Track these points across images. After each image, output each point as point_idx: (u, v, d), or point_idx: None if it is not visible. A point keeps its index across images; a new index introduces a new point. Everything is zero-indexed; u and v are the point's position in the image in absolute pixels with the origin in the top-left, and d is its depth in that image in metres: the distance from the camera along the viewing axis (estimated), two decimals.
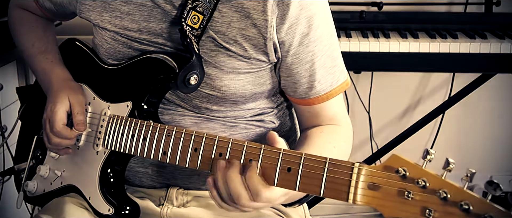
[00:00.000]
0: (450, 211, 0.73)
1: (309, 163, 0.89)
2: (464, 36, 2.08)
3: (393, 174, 0.78)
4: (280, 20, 1.11)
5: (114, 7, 1.21)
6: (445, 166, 0.76)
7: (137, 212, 1.19)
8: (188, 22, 1.13)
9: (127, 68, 1.22)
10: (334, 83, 1.19)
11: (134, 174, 1.28)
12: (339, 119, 1.23)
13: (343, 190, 0.83)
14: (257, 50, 1.14)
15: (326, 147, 1.15)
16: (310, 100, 1.20)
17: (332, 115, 1.22)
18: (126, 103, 1.18)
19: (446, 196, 0.74)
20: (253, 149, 0.95)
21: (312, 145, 1.15)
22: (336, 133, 1.21)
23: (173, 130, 1.06)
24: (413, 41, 2.01)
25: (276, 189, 0.95)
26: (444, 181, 0.75)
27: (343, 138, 1.21)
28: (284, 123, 1.31)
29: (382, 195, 0.79)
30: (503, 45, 1.98)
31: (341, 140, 1.20)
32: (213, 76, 1.16)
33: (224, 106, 1.20)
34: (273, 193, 0.95)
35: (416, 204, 0.76)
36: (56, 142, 1.23)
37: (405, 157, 0.79)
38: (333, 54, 1.18)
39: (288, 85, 1.20)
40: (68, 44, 1.41)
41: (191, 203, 1.26)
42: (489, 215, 0.71)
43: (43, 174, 1.31)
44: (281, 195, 0.98)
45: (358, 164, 0.83)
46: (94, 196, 1.19)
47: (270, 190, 0.95)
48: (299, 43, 1.13)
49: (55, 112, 1.22)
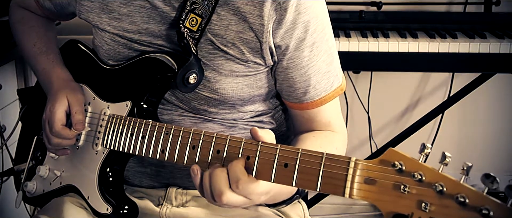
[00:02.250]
0: (446, 204, 0.73)
1: (306, 158, 0.89)
2: (464, 36, 2.08)
3: (389, 168, 0.78)
4: (276, 25, 1.11)
5: (112, 8, 1.21)
6: (441, 160, 0.76)
7: (135, 212, 1.20)
8: (186, 24, 1.13)
9: (127, 68, 1.22)
10: (328, 89, 1.19)
11: (133, 174, 1.28)
12: (333, 126, 1.23)
13: (339, 184, 0.83)
14: (254, 53, 1.14)
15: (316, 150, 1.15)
16: (304, 105, 1.20)
17: (327, 121, 1.22)
18: (126, 103, 1.19)
19: (442, 189, 0.74)
20: (251, 146, 0.95)
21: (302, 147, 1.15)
22: (328, 138, 1.21)
23: (172, 128, 1.06)
24: (413, 41, 2.01)
25: (257, 181, 0.94)
26: (440, 174, 0.75)
27: (335, 144, 1.21)
28: (282, 124, 1.32)
29: (379, 189, 0.79)
30: (503, 45, 1.98)
31: (332, 146, 1.19)
32: (211, 79, 1.16)
33: (222, 109, 1.21)
34: (253, 184, 0.94)
35: (412, 197, 0.76)
36: (56, 143, 1.23)
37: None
38: (329, 59, 1.18)
39: (283, 88, 1.20)
40: (70, 45, 1.41)
41: (190, 203, 1.26)
42: (486, 208, 0.71)
43: (43, 174, 1.32)
44: (263, 192, 0.96)
45: (355, 159, 0.83)
46: (93, 195, 1.19)
47: (250, 179, 0.94)
48: (295, 47, 1.13)
49: (54, 112, 1.22)
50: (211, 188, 0.95)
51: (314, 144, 1.16)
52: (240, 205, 0.96)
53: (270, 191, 0.97)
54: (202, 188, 0.98)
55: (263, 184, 0.95)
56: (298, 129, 1.27)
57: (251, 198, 0.95)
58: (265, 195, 0.97)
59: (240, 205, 0.96)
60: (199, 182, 0.98)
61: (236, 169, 0.93)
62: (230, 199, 0.94)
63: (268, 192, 0.97)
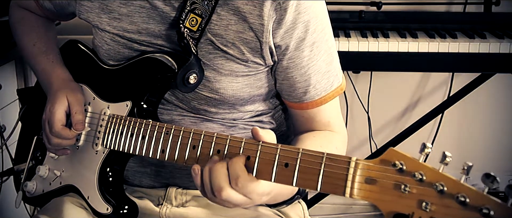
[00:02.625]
0: (447, 203, 0.73)
1: (306, 158, 0.89)
2: (463, 36, 2.08)
3: (389, 168, 0.78)
4: (276, 25, 1.11)
5: (112, 8, 1.21)
6: (442, 159, 0.76)
7: (135, 212, 1.20)
8: (186, 24, 1.13)
9: (127, 68, 1.22)
10: (328, 88, 1.19)
11: (133, 174, 1.28)
12: (333, 126, 1.23)
13: (340, 184, 0.83)
14: (254, 53, 1.14)
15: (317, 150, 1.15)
16: (304, 105, 1.20)
17: (327, 121, 1.22)
18: (126, 103, 1.19)
19: (443, 189, 0.74)
20: (251, 146, 0.95)
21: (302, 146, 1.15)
22: (328, 138, 1.21)
23: (172, 128, 1.06)
24: (412, 41, 2.01)
25: (257, 180, 0.94)
26: (440, 174, 0.75)
27: (335, 144, 1.21)
28: (282, 124, 1.32)
29: (379, 189, 0.79)
30: (502, 44, 1.98)
31: (332, 145, 1.19)
32: (212, 79, 1.16)
33: (222, 109, 1.21)
34: (253, 183, 0.94)
35: (413, 197, 0.76)
36: (56, 143, 1.23)
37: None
38: (329, 59, 1.18)
39: (283, 88, 1.20)
40: (70, 45, 1.41)
41: (190, 203, 1.26)
42: (486, 207, 0.71)
43: (43, 174, 1.32)
44: (264, 192, 0.96)
45: (355, 159, 0.83)
46: (93, 195, 1.19)
47: (250, 177, 0.94)
48: (295, 47, 1.13)
49: (54, 113, 1.22)
50: (211, 184, 0.95)
51: (314, 144, 1.16)
52: (241, 204, 0.96)
53: (271, 191, 0.97)
54: (203, 185, 0.98)
55: (263, 184, 0.95)
56: (298, 129, 1.27)
57: (251, 198, 0.95)
58: (266, 196, 0.97)
59: (241, 204, 0.96)
60: (200, 181, 0.98)
61: (236, 166, 0.93)
62: (230, 195, 0.94)
63: (270, 193, 0.97)
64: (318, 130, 1.23)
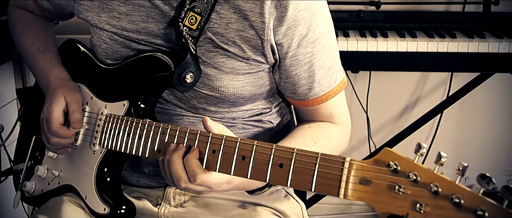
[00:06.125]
0: (441, 205, 0.73)
1: (301, 158, 0.89)
2: (463, 36, 2.07)
3: (384, 168, 0.78)
4: (277, 22, 1.11)
5: (112, 7, 1.21)
6: (437, 160, 0.76)
7: (133, 212, 1.20)
8: (185, 23, 1.13)
9: (124, 67, 1.22)
10: (332, 84, 1.19)
11: (132, 174, 1.28)
12: (336, 118, 1.24)
13: (334, 185, 0.83)
14: (255, 51, 1.14)
15: (307, 142, 1.15)
16: (309, 102, 1.20)
17: (328, 113, 1.23)
18: (123, 102, 1.19)
19: (437, 190, 0.74)
20: (246, 146, 0.95)
21: (293, 138, 1.17)
22: (324, 130, 1.21)
23: (168, 128, 1.07)
24: (411, 41, 2.01)
25: (214, 174, 1.00)
26: (435, 174, 0.75)
27: (329, 136, 1.21)
28: (282, 121, 1.32)
29: (373, 190, 0.79)
30: (502, 44, 1.98)
31: (326, 138, 1.20)
32: (212, 77, 1.16)
33: (222, 107, 1.20)
34: (211, 177, 1.00)
35: (407, 198, 0.76)
36: (55, 142, 1.23)
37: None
38: (332, 55, 1.18)
39: (287, 87, 1.20)
40: (68, 44, 1.41)
41: (189, 203, 1.26)
42: (481, 209, 0.71)
43: (41, 174, 1.32)
44: (223, 182, 1.03)
45: (349, 159, 0.83)
46: (90, 195, 1.19)
47: (207, 174, 1.00)
48: (298, 44, 1.13)
49: (51, 112, 1.22)
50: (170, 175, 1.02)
51: (305, 136, 1.17)
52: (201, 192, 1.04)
53: (231, 181, 1.04)
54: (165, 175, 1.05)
55: (216, 176, 1.01)
56: (300, 118, 1.28)
57: (210, 187, 1.02)
58: (227, 184, 1.04)
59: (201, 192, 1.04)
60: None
61: (192, 164, 0.99)
62: (189, 186, 1.02)
63: (229, 182, 1.04)
64: (319, 121, 1.23)
